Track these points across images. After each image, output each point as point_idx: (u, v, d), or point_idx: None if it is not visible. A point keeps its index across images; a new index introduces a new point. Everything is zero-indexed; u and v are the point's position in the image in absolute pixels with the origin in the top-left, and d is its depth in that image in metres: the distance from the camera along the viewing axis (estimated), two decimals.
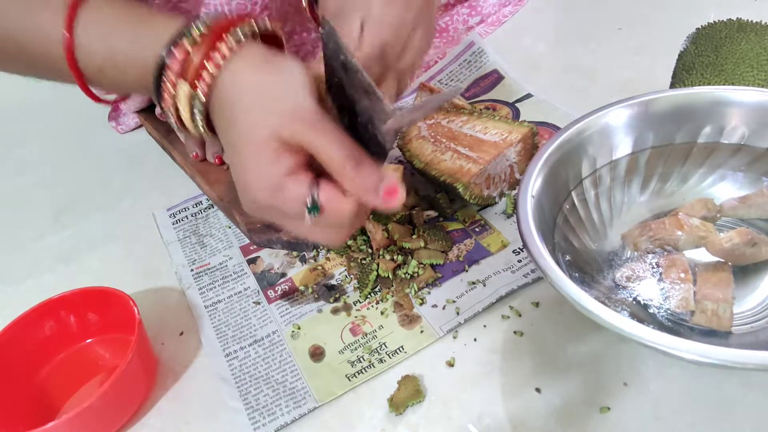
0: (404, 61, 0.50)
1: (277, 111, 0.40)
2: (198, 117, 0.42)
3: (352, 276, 0.59)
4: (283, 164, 0.40)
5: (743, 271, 0.47)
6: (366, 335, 0.54)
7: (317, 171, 0.41)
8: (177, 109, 0.43)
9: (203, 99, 0.41)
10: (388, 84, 0.51)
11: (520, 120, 0.70)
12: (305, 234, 0.43)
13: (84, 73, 0.46)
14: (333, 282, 0.59)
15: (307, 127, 0.39)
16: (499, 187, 0.63)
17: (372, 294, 0.57)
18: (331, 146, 0.39)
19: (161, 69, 0.41)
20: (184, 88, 0.41)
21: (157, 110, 0.80)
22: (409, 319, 0.54)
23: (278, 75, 0.41)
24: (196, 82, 0.41)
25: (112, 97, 0.52)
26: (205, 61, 0.40)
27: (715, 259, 0.48)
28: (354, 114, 0.45)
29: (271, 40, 0.45)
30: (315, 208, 0.40)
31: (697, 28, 0.64)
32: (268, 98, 0.40)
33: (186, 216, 0.72)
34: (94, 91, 0.49)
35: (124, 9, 0.45)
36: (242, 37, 0.41)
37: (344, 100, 0.45)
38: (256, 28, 0.42)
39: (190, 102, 0.42)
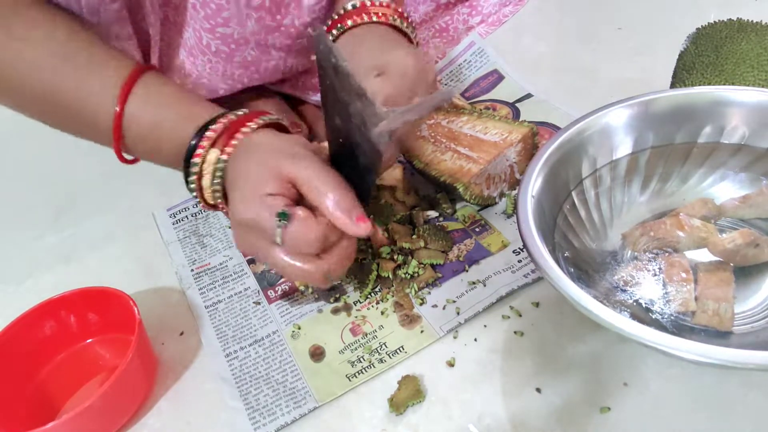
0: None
1: (279, 154, 0.48)
2: (217, 178, 0.50)
3: (352, 276, 0.59)
4: (268, 187, 0.47)
5: (744, 271, 0.47)
6: (366, 335, 0.54)
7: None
8: (200, 178, 0.51)
9: (226, 158, 0.50)
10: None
11: (520, 120, 0.70)
12: (279, 262, 0.48)
13: (125, 141, 0.54)
14: (333, 282, 0.59)
15: (298, 163, 0.47)
16: (500, 187, 0.63)
17: (372, 294, 0.57)
18: (317, 179, 0.46)
19: (197, 141, 0.50)
20: (213, 154, 0.50)
21: None
22: (410, 319, 0.54)
23: (284, 139, 0.51)
24: (225, 148, 0.50)
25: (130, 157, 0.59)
26: (235, 134, 0.50)
27: (717, 258, 0.48)
28: (348, 117, 0.45)
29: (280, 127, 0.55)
30: (283, 215, 0.45)
31: (698, 28, 0.64)
32: (273, 149, 0.49)
33: (186, 216, 0.72)
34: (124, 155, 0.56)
35: (173, 89, 0.54)
36: (260, 123, 0.51)
37: (337, 102, 0.46)
38: (268, 120, 0.52)
39: (215, 164, 0.50)
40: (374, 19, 0.60)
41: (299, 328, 0.56)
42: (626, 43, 0.83)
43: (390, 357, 0.52)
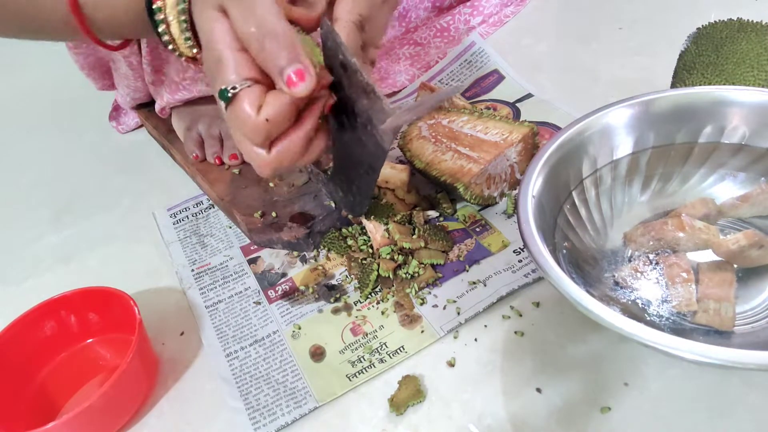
0: (376, 32, 0.51)
1: None
2: (183, 23, 0.44)
3: (352, 276, 0.59)
4: (228, 34, 0.39)
5: (747, 271, 0.47)
6: (366, 335, 0.54)
7: None
8: (169, 26, 0.44)
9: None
10: (367, 55, 0.51)
11: (520, 120, 0.70)
12: (235, 137, 0.42)
13: (84, 13, 0.47)
14: (333, 282, 0.59)
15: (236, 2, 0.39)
16: (500, 187, 0.63)
17: (372, 294, 0.57)
18: (249, 16, 0.38)
19: None
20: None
21: (157, 106, 0.79)
22: (410, 319, 0.54)
23: None
24: None
25: (116, 43, 0.53)
26: None
27: (719, 258, 0.48)
28: (354, 114, 0.45)
29: None
30: (224, 94, 0.39)
31: (698, 28, 0.64)
32: None
33: (186, 216, 0.72)
34: (100, 38, 0.51)
35: None
36: None
37: (345, 98, 0.46)
38: None
39: (176, 7, 0.43)
40: None
41: (299, 328, 0.56)
42: (627, 43, 0.83)
43: (390, 357, 0.52)
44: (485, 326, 0.53)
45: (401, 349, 0.52)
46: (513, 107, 0.76)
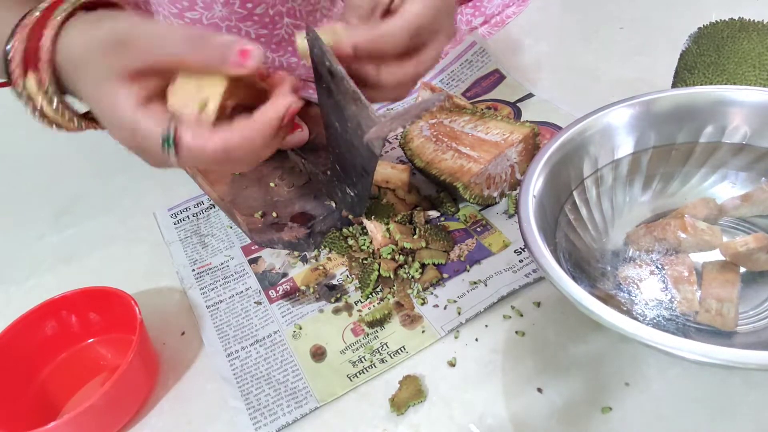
0: (425, 54, 0.49)
1: (103, 49, 0.40)
2: (55, 100, 0.43)
3: (353, 276, 0.59)
4: (129, 98, 0.39)
5: (751, 272, 0.47)
6: (367, 335, 0.54)
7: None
8: (35, 106, 0.43)
9: (52, 78, 0.42)
10: (407, 67, 0.49)
11: (521, 120, 0.70)
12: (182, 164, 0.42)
13: None
14: (334, 282, 0.59)
15: (129, 43, 0.39)
16: (500, 187, 0.62)
17: (373, 294, 0.57)
18: (162, 39, 0.38)
19: (7, 64, 0.42)
20: (31, 79, 0.42)
21: None
22: (411, 319, 0.54)
23: (102, 26, 0.41)
24: (38, 65, 0.41)
25: None
26: (39, 44, 0.41)
27: (723, 259, 0.47)
28: (345, 119, 0.45)
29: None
30: (169, 142, 0.38)
31: (699, 28, 0.64)
32: (94, 46, 0.40)
33: (187, 216, 0.72)
34: None
35: None
36: (65, 12, 0.42)
37: (334, 105, 0.46)
38: (67, 11, 0.42)
39: (41, 89, 0.42)
40: None
41: (300, 328, 0.56)
42: (628, 43, 0.83)
43: (391, 357, 0.52)
44: (486, 326, 0.53)
45: (402, 349, 0.52)
46: (514, 107, 0.76)
